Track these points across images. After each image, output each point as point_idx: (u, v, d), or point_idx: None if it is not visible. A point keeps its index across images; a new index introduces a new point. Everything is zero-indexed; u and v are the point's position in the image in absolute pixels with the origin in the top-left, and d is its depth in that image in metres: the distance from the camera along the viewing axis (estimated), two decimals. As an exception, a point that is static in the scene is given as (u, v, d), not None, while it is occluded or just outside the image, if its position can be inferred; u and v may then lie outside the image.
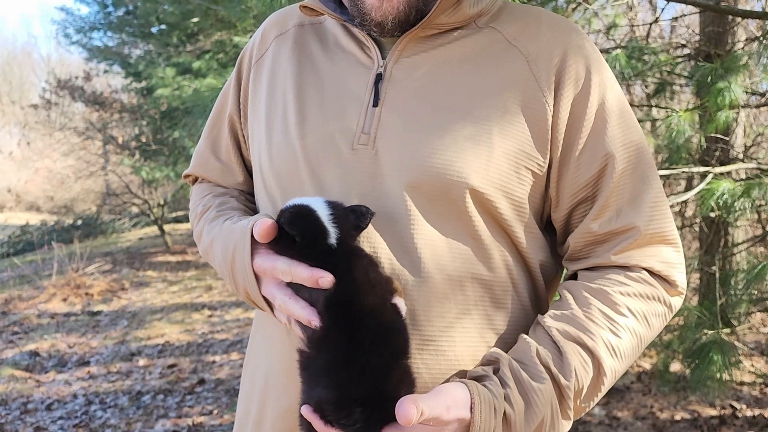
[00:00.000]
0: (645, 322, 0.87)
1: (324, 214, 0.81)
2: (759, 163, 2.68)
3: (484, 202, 0.86)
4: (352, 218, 0.83)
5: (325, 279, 0.79)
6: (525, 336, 0.85)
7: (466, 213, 0.85)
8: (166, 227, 11.41)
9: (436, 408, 0.74)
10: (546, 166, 0.89)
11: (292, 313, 0.82)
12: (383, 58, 0.92)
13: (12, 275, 9.39)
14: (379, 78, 0.90)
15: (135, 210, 12.91)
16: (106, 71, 11.55)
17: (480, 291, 0.87)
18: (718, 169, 2.34)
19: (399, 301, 0.81)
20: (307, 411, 0.78)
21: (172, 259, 10.01)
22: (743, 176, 2.89)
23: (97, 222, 13.23)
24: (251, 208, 1.05)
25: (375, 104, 0.89)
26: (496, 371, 0.82)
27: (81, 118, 12.57)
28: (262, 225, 0.83)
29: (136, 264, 9.74)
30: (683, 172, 2.35)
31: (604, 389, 0.84)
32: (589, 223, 0.88)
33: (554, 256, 0.96)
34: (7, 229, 13.71)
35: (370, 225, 0.84)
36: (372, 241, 0.85)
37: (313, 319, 0.79)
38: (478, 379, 0.81)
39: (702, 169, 2.36)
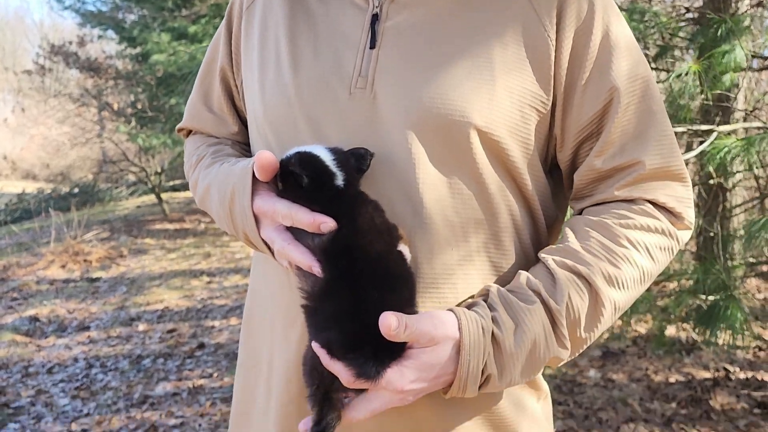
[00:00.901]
0: (647, 253, 0.85)
1: (328, 158, 0.81)
2: (764, 123, 2.66)
3: (490, 142, 0.84)
4: (353, 161, 0.82)
5: (327, 224, 0.78)
6: (521, 271, 0.85)
7: (470, 154, 0.84)
8: (164, 195, 11.39)
9: (421, 323, 0.75)
10: (550, 104, 0.86)
11: (291, 259, 0.82)
12: None
13: (10, 242, 9.40)
14: (374, 19, 0.88)
15: (132, 178, 12.87)
16: (100, 37, 11.39)
17: (483, 236, 0.86)
18: (723, 128, 2.32)
19: (404, 249, 0.81)
20: (315, 346, 0.78)
21: (170, 226, 10.01)
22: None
23: (94, 190, 13.20)
24: (247, 156, 1.04)
25: (372, 46, 0.87)
26: (485, 300, 0.82)
27: (75, 85, 12.44)
28: (262, 157, 0.82)
29: (134, 232, 9.74)
30: (688, 129, 2.32)
31: (605, 321, 0.83)
32: (592, 159, 0.86)
33: (555, 201, 0.94)
34: (4, 197, 13.68)
35: (371, 170, 0.84)
36: (373, 186, 0.84)
37: (314, 265, 0.79)
38: (467, 307, 0.82)
39: (706, 127, 2.34)
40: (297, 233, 0.83)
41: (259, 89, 0.95)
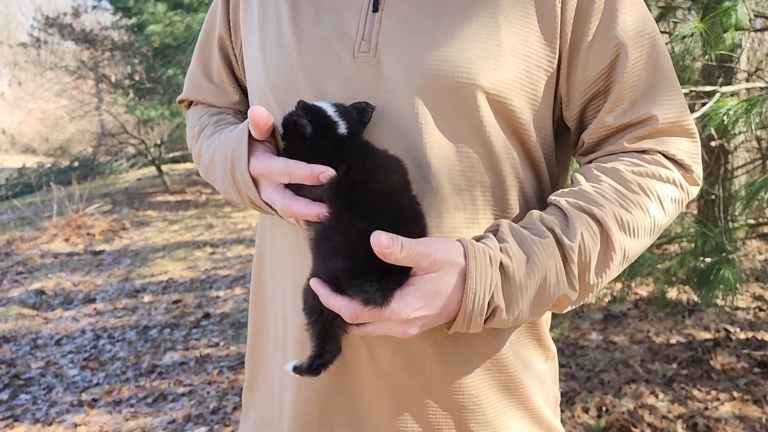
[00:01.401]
0: (658, 202, 0.84)
1: (330, 110, 0.82)
2: (767, 83, 2.64)
3: (497, 103, 0.83)
4: (355, 114, 0.82)
5: (325, 173, 0.78)
6: (533, 210, 0.84)
7: (477, 117, 0.83)
8: (164, 167, 11.37)
9: (421, 245, 0.74)
10: (556, 62, 0.86)
11: (296, 214, 0.81)
12: None
13: (12, 217, 9.42)
14: None
15: (131, 150, 12.84)
16: (94, 7, 11.25)
17: (489, 198, 0.86)
18: (725, 89, 2.30)
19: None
20: (316, 282, 0.77)
21: (172, 198, 10.03)
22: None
23: (94, 163, 13.18)
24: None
25: (375, 9, 0.86)
26: (495, 234, 0.81)
27: (72, 57, 12.33)
28: (255, 112, 0.81)
29: (136, 204, 9.76)
30: (691, 90, 2.31)
31: (614, 267, 0.81)
32: (603, 116, 0.86)
33: (558, 162, 0.94)
34: (4, 172, 13.67)
35: (378, 135, 0.84)
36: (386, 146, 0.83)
37: (321, 211, 0.78)
38: (476, 240, 0.81)
39: (709, 88, 2.32)
40: (298, 189, 0.83)
41: (260, 53, 0.94)
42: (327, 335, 0.80)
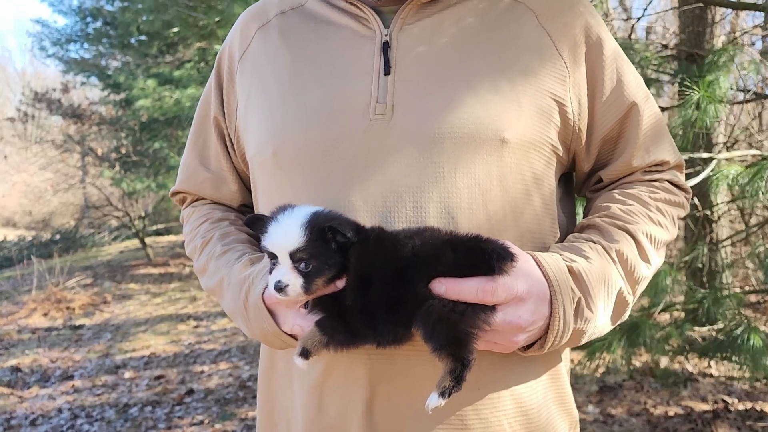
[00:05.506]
0: (672, 220, 0.98)
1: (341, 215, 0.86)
2: (763, 151, 2.72)
3: (520, 153, 0.88)
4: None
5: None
6: (569, 235, 0.93)
7: (501, 167, 0.87)
8: (148, 240, 11.27)
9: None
10: (571, 116, 0.93)
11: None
12: (386, 27, 0.92)
13: (-10, 291, 9.20)
14: (386, 46, 0.90)
15: (115, 223, 12.75)
16: (83, 83, 11.42)
17: (513, 240, 0.88)
18: (723, 155, 2.37)
19: None
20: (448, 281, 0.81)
21: (155, 271, 9.88)
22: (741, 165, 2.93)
23: (76, 236, 13.04)
24: (251, 233, 1.04)
25: (386, 72, 0.89)
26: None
27: (59, 131, 12.42)
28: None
29: (118, 277, 9.60)
30: (690, 157, 2.38)
31: (648, 275, 0.91)
32: (630, 158, 0.98)
33: (562, 206, 1.00)
34: (-17, 246, 13.45)
35: (413, 195, 0.86)
36: (415, 205, 0.85)
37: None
38: None
39: (706, 155, 2.39)
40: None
41: (266, 131, 0.94)
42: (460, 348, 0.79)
